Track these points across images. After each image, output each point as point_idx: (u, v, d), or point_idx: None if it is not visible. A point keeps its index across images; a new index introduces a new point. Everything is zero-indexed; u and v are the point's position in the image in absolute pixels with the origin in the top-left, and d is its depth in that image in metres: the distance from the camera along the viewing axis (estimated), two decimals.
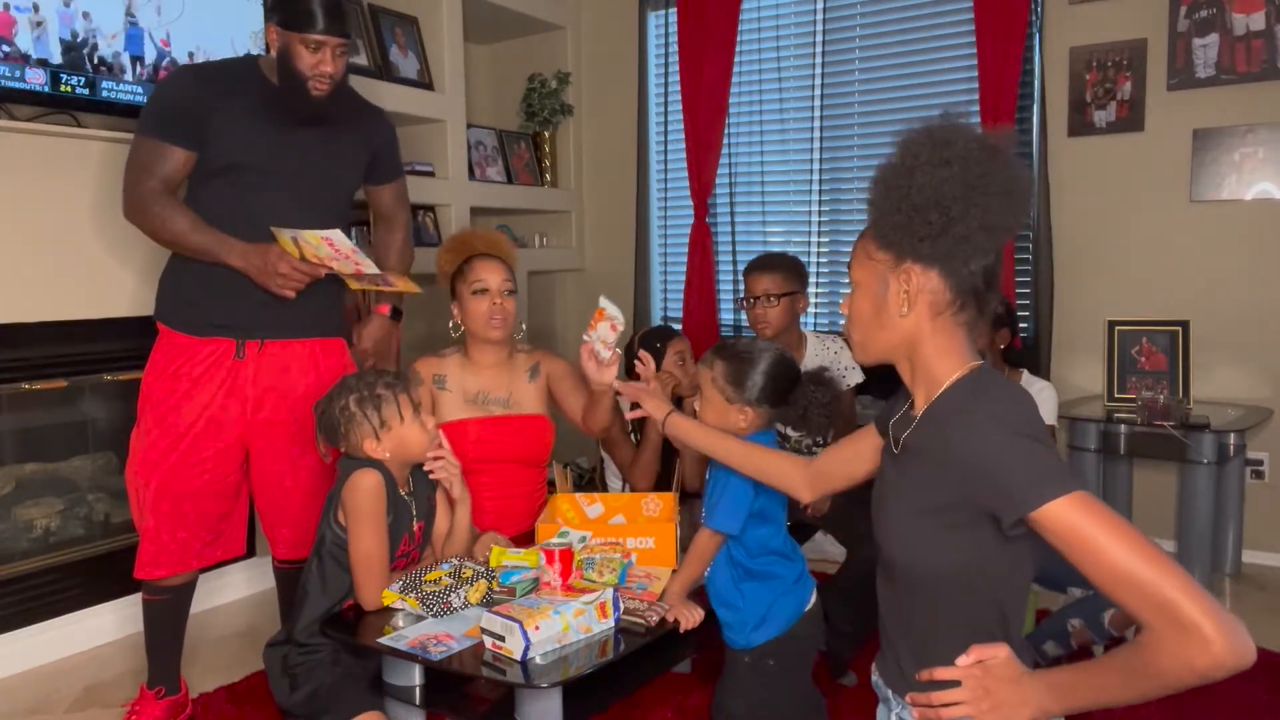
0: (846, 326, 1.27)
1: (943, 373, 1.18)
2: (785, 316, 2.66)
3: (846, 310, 1.26)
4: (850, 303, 1.25)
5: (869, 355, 1.25)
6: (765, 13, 3.91)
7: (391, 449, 1.88)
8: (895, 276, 1.16)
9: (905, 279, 1.16)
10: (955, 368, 1.17)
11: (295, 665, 1.81)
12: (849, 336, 1.27)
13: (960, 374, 1.17)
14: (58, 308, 2.56)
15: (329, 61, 2.05)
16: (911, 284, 1.15)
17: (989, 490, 1.06)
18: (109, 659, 2.66)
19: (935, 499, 1.13)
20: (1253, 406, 3.10)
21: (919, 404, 1.21)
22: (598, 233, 4.47)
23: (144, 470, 2.12)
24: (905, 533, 1.17)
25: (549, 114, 4.28)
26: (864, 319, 1.22)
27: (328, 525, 1.87)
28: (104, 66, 2.53)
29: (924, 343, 1.18)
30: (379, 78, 3.42)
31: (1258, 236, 3.13)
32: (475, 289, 2.28)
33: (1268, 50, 3.04)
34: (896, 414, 1.26)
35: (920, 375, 1.20)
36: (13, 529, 2.63)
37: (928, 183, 1.12)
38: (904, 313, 1.16)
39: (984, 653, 1.07)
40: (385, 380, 1.90)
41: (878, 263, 1.18)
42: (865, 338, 1.23)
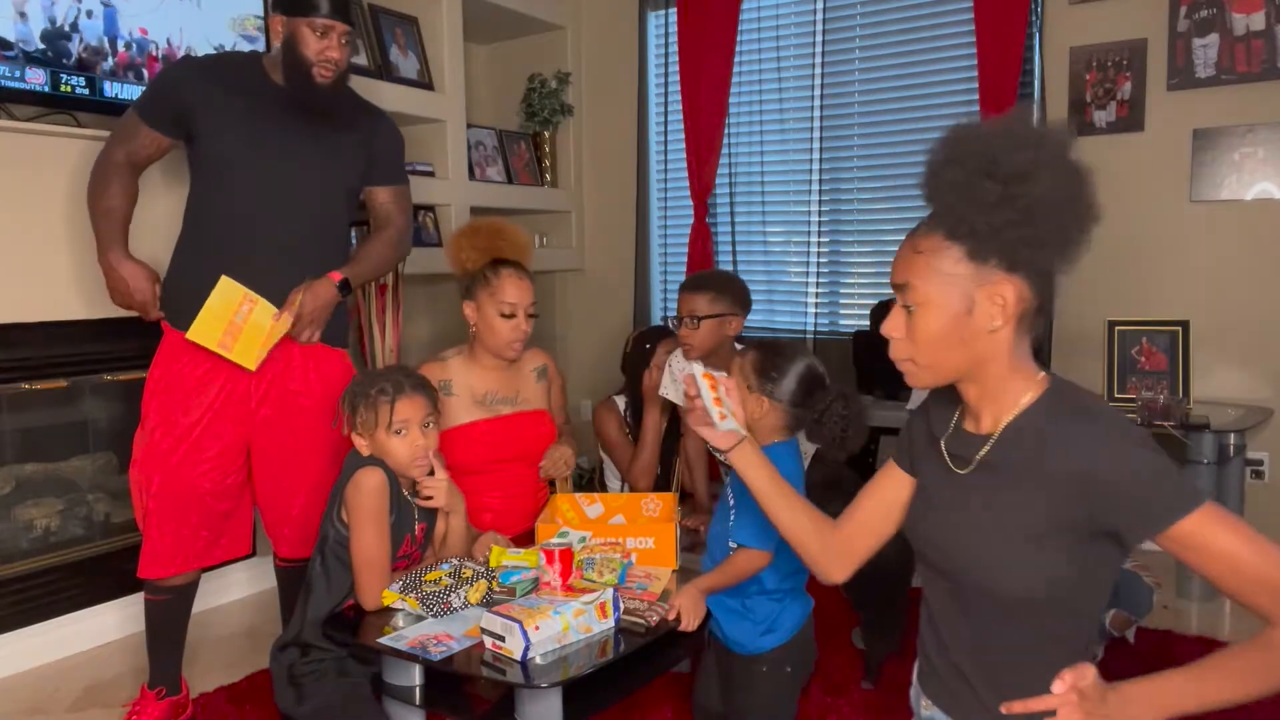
0: (900, 350, 1.15)
1: (1019, 386, 1.12)
2: (711, 339, 2.48)
3: (898, 333, 1.14)
4: (911, 325, 1.12)
5: (939, 378, 1.15)
6: (765, 13, 3.91)
7: (373, 451, 1.88)
8: (985, 289, 1.08)
9: (999, 291, 1.08)
10: (1030, 379, 1.13)
11: (302, 675, 1.81)
12: (903, 360, 1.16)
13: (1043, 386, 1.12)
14: (58, 308, 2.56)
15: (335, 47, 2.08)
16: (1009, 296, 1.08)
17: (1121, 507, 1.03)
18: (109, 659, 2.66)
19: (1040, 520, 1.07)
20: (1253, 406, 3.10)
21: (985, 420, 1.15)
22: (598, 233, 4.47)
23: (147, 469, 2.12)
24: (996, 557, 1.10)
25: (549, 114, 4.28)
26: (934, 339, 1.11)
27: (331, 523, 1.87)
28: (86, 52, 2.50)
29: (1000, 357, 1.11)
30: (379, 78, 3.42)
31: (1258, 236, 3.13)
32: (504, 311, 2.25)
33: (1268, 50, 3.04)
34: (943, 433, 1.21)
35: (992, 391, 1.14)
36: (13, 529, 2.63)
37: (1048, 189, 1.03)
38: (996, 327, 1.09)
39: (1076, 677, 0.99)
40: (389, 385, 1.89)
41: (958, 276, 1.08)
42: (936, 359, 1.13)
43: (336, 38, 2.08)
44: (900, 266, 1.14)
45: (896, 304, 1.15)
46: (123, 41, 2.57)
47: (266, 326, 2.08)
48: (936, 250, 1.09)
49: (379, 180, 2.33)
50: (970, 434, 1.17)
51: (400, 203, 2.38)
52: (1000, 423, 1.13)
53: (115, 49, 2.56)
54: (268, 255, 2.10)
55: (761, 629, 1.71)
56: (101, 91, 2.55)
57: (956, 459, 1.18)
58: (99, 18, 2.52)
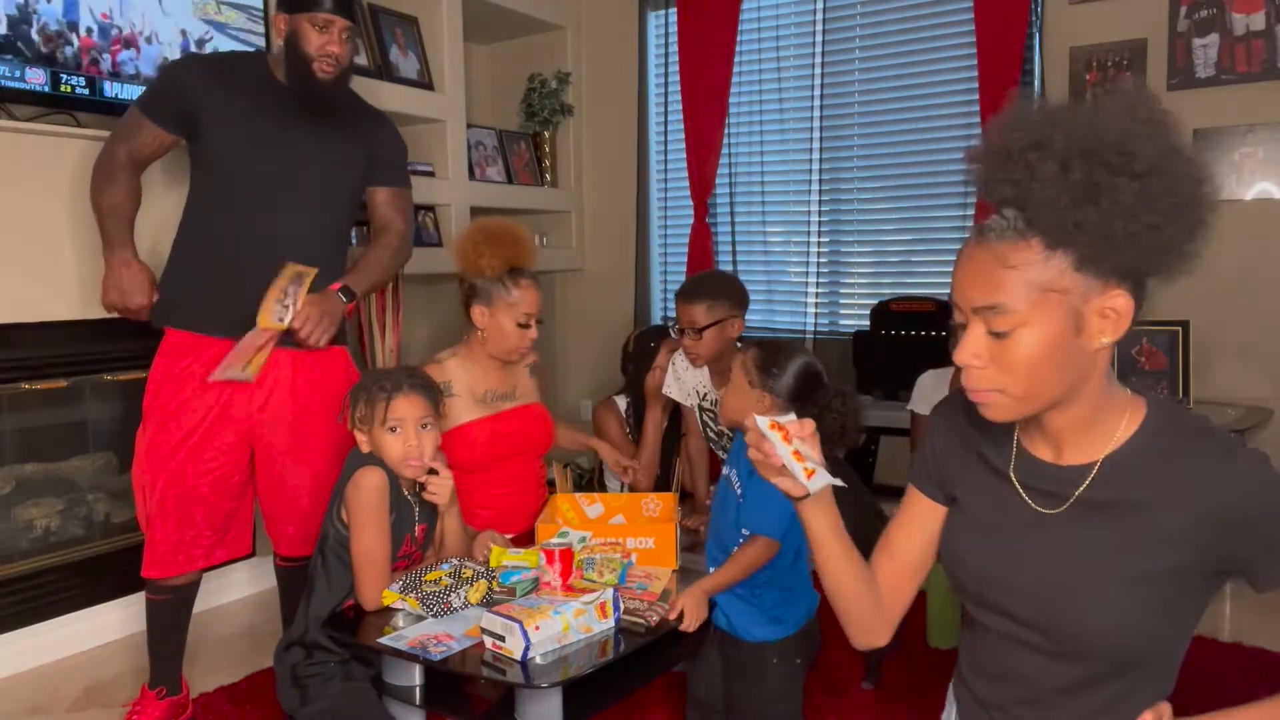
0: (983, 379, 0.98)
1: (1116, 410, 1.01)
2: (714, 345, 2.49)
3: (980, 361, 0.97)
4: (1003, 351, 0.96)
5: (1033, 408, 0.99)
6: (765, 13, 3.91)
7: (370, 448, 1.89)
8: (1095, 302, 0.95)
9: (1112, 304, 0.95)
10: (1125, 402, 1.02)
11: (306, 676, 1.81)
12: (988, 391, 0.99)
13: (1141, 410, 1.02)
14: (58, 308, 2.56)
15: (336, 42, 2.09)
16: (1122, 308, 0.95)
17: (1263, 547, 0.95)
18: (109, 659, 2.66)
19: (1166, 562, 0.97)
20: (1253, 406, 3.10)
21: (1072, 450, 1.03)
22: (598, 233, 4.47)
23: (149, 469, 2.12)
24: (1106, 603, 0.98)
25: (549, 114, 4.28)
26: (1036, 366, 0.95)
27: (331, 522, 1.88)
28: (53, 39, 2.46)
29: (1097, 379, 0.99)
30: (379, 78, 3.42)
31: (1258, 236, 3.13)
32: (521, 321, 2.24)
33: (1268, 50, 3.04)
34: (1005, 463, 1.09)
35: (1087, 417, 1.01)
36: (13, 529, 2.63)
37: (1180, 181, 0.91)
38: (1103, 345, 0.96)
39: (1156, 717, 0.93)
40: (389, 382, 1.89)
41: (1063, 291, 0.93)
42: (1036, 389, 0.97)
43: (337, 32, 2.09)
44: (982, 284, 0.95)
45: (971, 326, 0.98)
46: (85, 27, 2.53)
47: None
48: (1034, 263, 0.93)
49: (379, 181, 2.33)
50: (1050, 465, 1.05)
51: (400, 205, 2.38)
52: (1098, 453, 1.02)
53: (77, 33, 2.51)
54: (268, 256, 2.09)
55: (770, 617, 1.72)
56: (101, 91, 2.55)
57: (1039, 495, 1.05)
58: (58, 2, 2.46)
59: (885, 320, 3.48)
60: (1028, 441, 1.08)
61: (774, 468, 1.06)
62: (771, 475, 1.07)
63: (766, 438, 1.07)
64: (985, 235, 0.96)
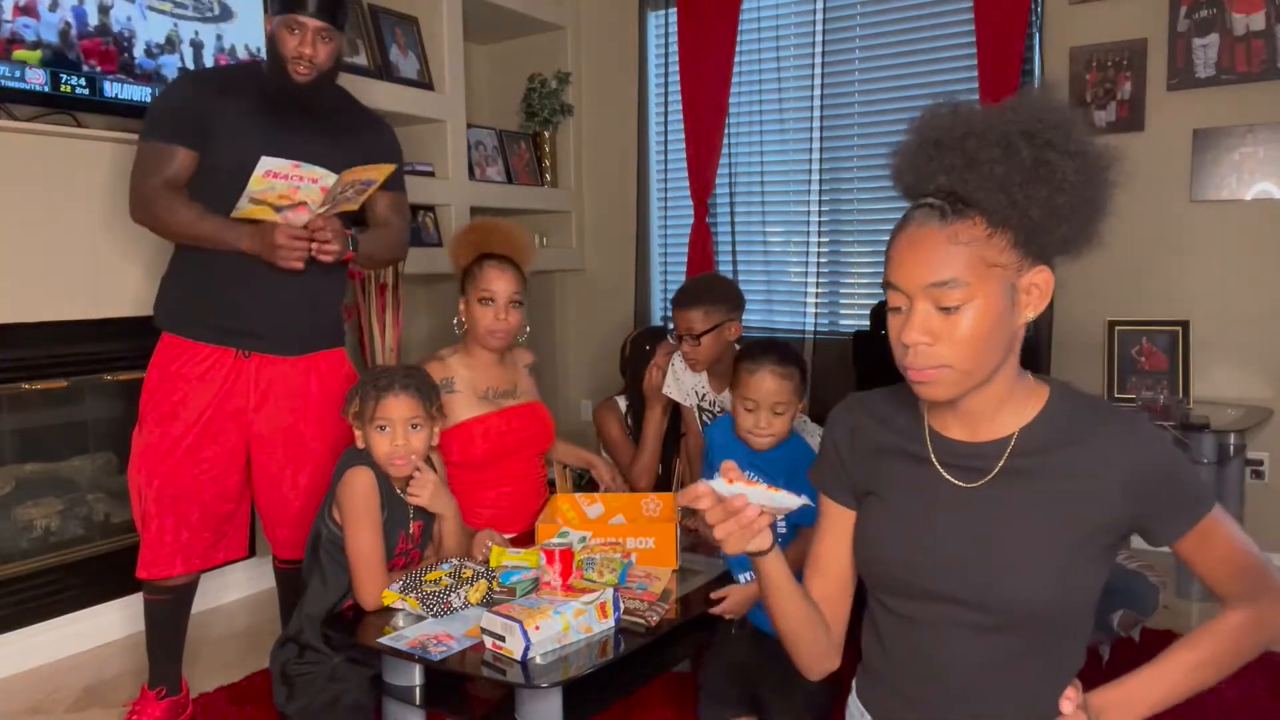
0: (930, 356, 1.02)
1: (1025, 386, 1.07)
2: (713, 350, 2.55)
3: (928, 337, 1.01)
4: (952, 326, 1.00)
5: (970, 384, 1.03)
6: (765, 13, 3.90)
7: (364, 443, 1.90)
8: (1024, 278, 1.02)
9: (1036, 280, 1.02)
10: (1028, 379, 1.09)
11: (294, 674, 1.82)
12: (935, 368, 1.02)
13: (1045, 386, 1.09)
14: (58, 308, 2.55)
15: (309, 44, 2.07)
16: (1044, 285, 1.02)
17: (1163, 503, 1.02)
18: (109, 659, 2.66)
19: (1085, 523, 1.02)
20: (1253, 406, 3.10)
21: (985, 426, 1.08)
22: (598, 233, 4.46)
23: (145, 470, 2.12)
24: (1034, 565, 1.03)
25: (549, 114, 4.28)
26: (982, 340, 1.00)
27: (324, 521, 1.89)
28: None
29: (1013, 355, 1.05)
30: (379, 78, 3.42)
31: (1258, 236, 3.13)
32: (482, 297, 2.27)
33: (1268, 50, 3.04)
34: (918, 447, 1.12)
35: (1002, 393, 1.06)
36: (13, 529, 2.63)
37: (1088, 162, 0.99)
38: (1028, 317, 1.03)
39: (1076, 693, 0.94)
40: (384, 380, 1.91)
41: (1003, 267, 1.00)
42: (979, 363, 1.02)
43: (311, 35, 2.07)
44: (934, 261, 1.00)
45: (917, 305, 1.02)
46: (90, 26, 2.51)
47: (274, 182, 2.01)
48: (979, 239, 0.99)
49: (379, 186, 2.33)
50: (965, 443, 1.09)
51: (399, 210, 2.39)
52: (1012, 426, 1.07)
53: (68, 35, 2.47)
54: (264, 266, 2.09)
55: None
56: (101, 91, 2.54)
57: (960, 472, 1.09)
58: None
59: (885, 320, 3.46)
60: (940, 425, 1.12)
61: (749, 529, 0.99)
62: (743, 542, 1.00)
63: (731, 495, 0.98)
64: (929, 218, 1.01)
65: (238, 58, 2.81)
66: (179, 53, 2.69)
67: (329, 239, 2.06)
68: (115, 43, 2.54)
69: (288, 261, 2.03)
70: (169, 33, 2.66)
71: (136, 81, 2.61)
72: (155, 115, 2.14)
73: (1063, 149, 0.97)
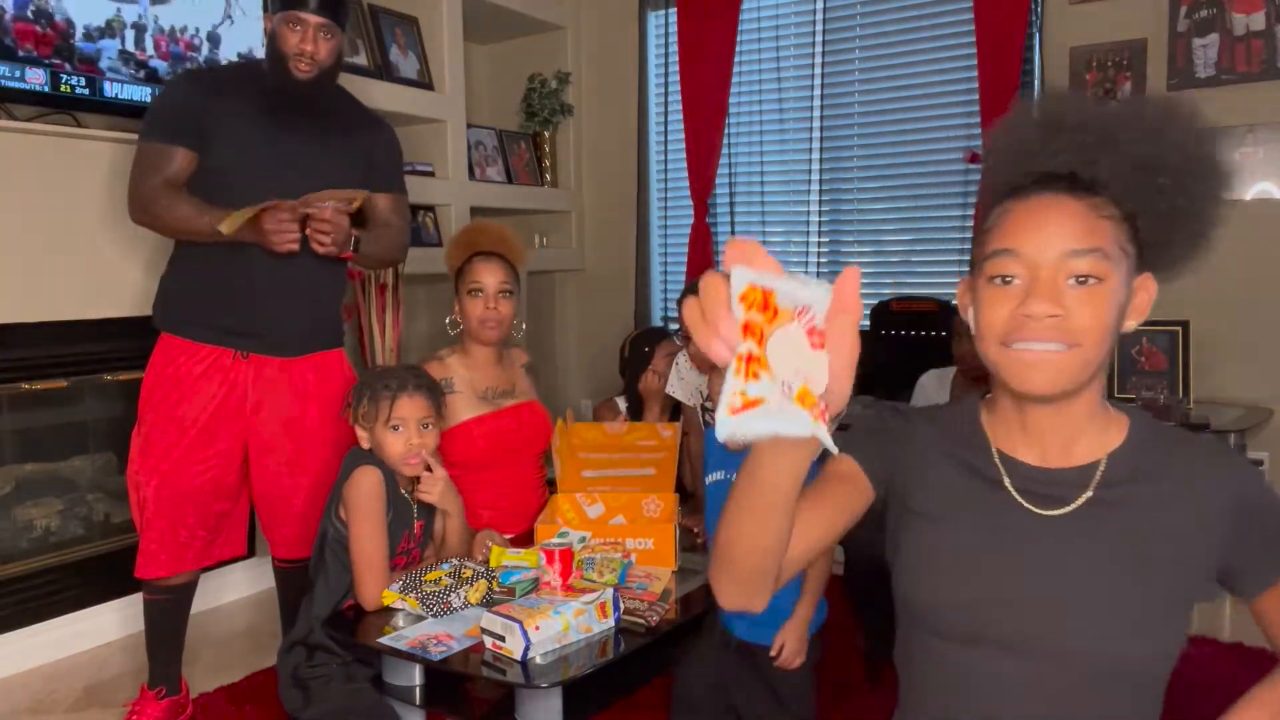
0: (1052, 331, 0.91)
1: (1105, 414, 0.99)
2: None
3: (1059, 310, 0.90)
4: (1087, 300, 0.91)
5: (1084, 377, 0.94)
6: (765, 13, 3.90)
7: (371, 444, 1.90)
8: (1137, 279, 0.96)
9: (1146, 284, 0.97)
10: (1112, 410, 1.01)
11: (308, 678, 1.82)
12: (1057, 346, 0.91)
13: (1125, 410, 1.01)
14: (58, 308, 2.56)
15: (310, 41, 2.07)
16: (1151, 288, 0.97)
17: (1267, 545, 0.93)
18: (109, 659, 2.66)
19: (1177, 563, 0.93)
20: (1253, 406, 3.10)
21: (1063, 450, 0.98)
22: (598, 233, 4.46)
23: (144, 470, 2.12)
24: (1121, 613, 0.92)
25: (549, 114, 4.28)
26: (1110, 326, 0.92)
27: (330, 521, 1.89)
28: None
29: (1103, 371, 0.97)
30: (379, 78, 3.42)
31: (1258, 236, 3.13)
32: (471, 289, 2.28)
33: (1268, 50, 3.04)
34: (988, 468, 1.01)
35: (1089, 410, 0.98)
36: (13, 529, 2.63)
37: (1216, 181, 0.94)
38: (1131, 325, 0.96)
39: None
40: (394, 381, 1.91)
41: (1129, 258, 0.94)
42: (1100, 353, 0.93)
43: (312, 31, 2.07)
44: (1080, 229, 0.91)
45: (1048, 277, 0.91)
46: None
47: None
48: (1117, 219, 0.93)
49: (379, 186, 2.32)
50: (1040, 468, 0.99)
51: (399, 210, 2.39)
52: (1096, 452, 0.98)
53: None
54: (266, 261, 2.09)
55: (788, 615, 1.74)
56: (101, 91, 2.55)
57: (1039, 499, 0.98)
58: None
59: (886, 320, 3.47)
60: (1007, 446, 1.02)
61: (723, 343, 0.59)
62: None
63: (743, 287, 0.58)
64: (1057, 190, 0.94)
65: (179, 40, 2.72)
66: (120, 36, 2.59)
67: (325, 229, 2.05)
68: (52, 26, 2.45)
69: (281, 244, 2.02)
70: (111, 18, 2.57)
71: (137, 81, 2.61)
72: (154, 115, 2.14)
73: (1200, 148, 0.94)
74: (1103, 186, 0.93)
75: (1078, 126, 0.94)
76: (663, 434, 2.28)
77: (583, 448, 2.25)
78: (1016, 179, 0.97)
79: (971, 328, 0.99)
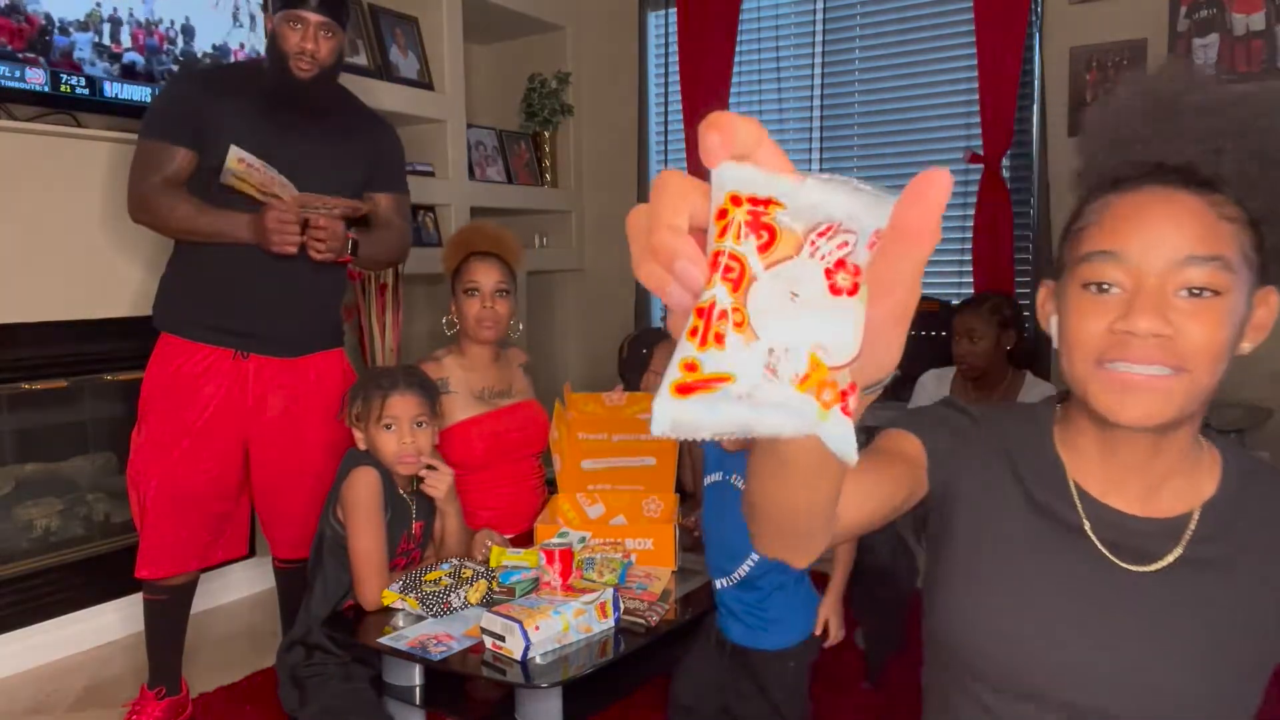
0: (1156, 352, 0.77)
1: (1200, 450, 0.87)
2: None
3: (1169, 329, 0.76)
4: (1204, 317, 0.76)
5: (1191, 408, 0.80)
6: (765, 13, 3.90)
7: (367, 445, 1.90)
8: (1257, 292, 0.81)
9: (1270, 296, 0.82)
10: (1204, 444, 0.89)
11: (305, 677, 1.82)
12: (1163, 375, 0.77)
13: (1220, 452, 0.88)
14: (58, 308, 2.55)
15: (311, 39, 2.07)
16: (1274, 303, 0.82)
17: None
18: (109, 659, 2.66)
19: (1268, 626, 0.82)
20: (1253, 406, 3.10)
21: (1149, 496, 0.86)
22: (598, 233, 4.46)
23: (144, 470, 2.12)
24: (1210, 682, 0.81)
25: (549, 114, 4.28)
26: (1217, 354, 0.77)
27: (328, 521, 1.89)
28: None
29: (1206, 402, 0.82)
30: (379, 78, 3.42)
31: None
32: (467, 288, 2.28)
33: (1268, 50, 3.04)
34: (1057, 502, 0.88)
35: (1184, 449, 0.85)
36: (13, 529, 2.63)
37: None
38: (1247, 348, 0.81)
39: None
40: (386, 380, 1.91)
41: (1251, 269, 0.79)
42: (1208, 381, 0.78)
43: (313, 30, 2.07)
44: (1201, 232, 0.77)
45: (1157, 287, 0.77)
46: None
47: (248, 172, 2.02)
48: (1241, 223, 0.78)
49: (380, 186, 2.32)
50: (1125, 514, 0.86)
51: (401, 210, 2.39)
52: (1190, 500, 0.85)
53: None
54: (266, 261, 2.09)
55: (786, 624, 1.73)
56: (101, 91, 2.54)
57: (1122, 552, 0.85)
58: None
59: None
60: (1085, 481, 0.88)
61: None
62: None
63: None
64: (1171, 185, 0.79)
65: (154, 33, 2.67)
66: (96, 30, 2.55)
67: (322, 237, 2.06)
68: (27, 20, 2.40)
69: (281, 245, 2.03)
70: (90, 11, 2.53)
71: (137, 81, 2.61)
72: (154, 114, 2.14)
73: None
74: (1225, 183, 0.78)
75: (1201, 109, 0.79)
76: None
77: (581, 425, 2.24)
78: (1121, 170, 0.82)
79: (1054, 340, 0.85)
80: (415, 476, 1.96)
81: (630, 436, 2.24)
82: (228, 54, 2.85)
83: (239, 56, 2.86)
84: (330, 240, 2.07)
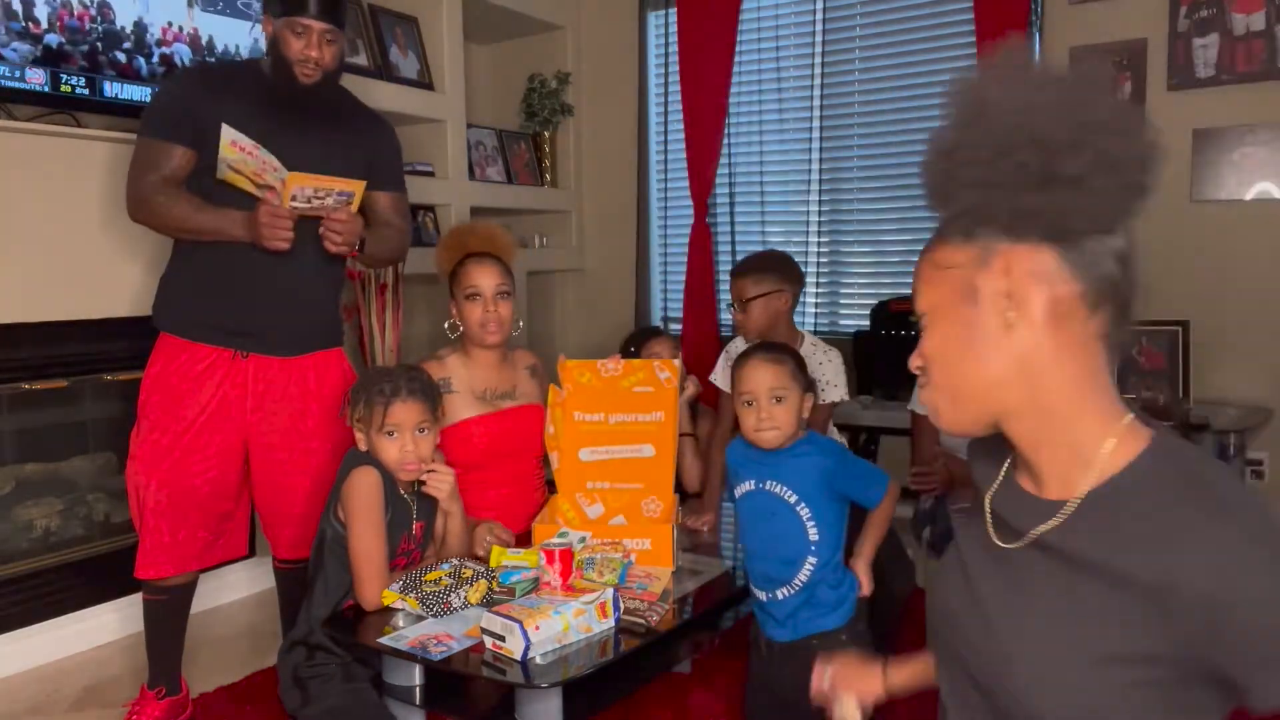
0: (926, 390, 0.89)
1: (1093, 430, 0.81)
2: (762, 318, 2.52)
3: (918, 364, 0.89)
4: (922, 348, 0.88)
5: (964, 415, 0.86)
6: (765, 13, 3.90)
7: (368, 447, 1.90)
8: (987, 273, 0.81)
9: (1004, 267, 0.80)
10: (1111, 423, 0.81)
11: (307, 677, 1.82)
12: (922, 389, 0.90)
13: (1141, 440, 0.81)
14: (58, 308, 2.56)
15: (315, 46, 2.07)
16: (1014, 270, 0.80)
17: (1259, 659, 0.71)
18: (109, 659, 2.66)
19: (1132, 644, 0.75)
20: (1253, 406, 3.10)
21: (1049, 480, 0.85)
22: (598, 233, 4.46)
23: (144, 470, 2.12)
24: (1064, 679, 0.79)
25: (549, 114, 4.28)
26: (948, 360, 0.85)
27: (329, 521, 1.89)
28: None
29: (1047, 372, 0.80)
30: (379, 78, 3.42)
31: (1258, 236, 3.13)
32: (468, 293, 2.27)
33: (1268, 50, 3.04)
34: (989, 483, 0.93)
35: (1050, 433, 0.83)
36: (13, 529, 2.63)
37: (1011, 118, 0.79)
38: (1010, 319, 0.80)
39: None
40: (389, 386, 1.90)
41: (955, 269, 0.83)
42: (957, 387, 0.84)
43: (317, 37, 2.07)
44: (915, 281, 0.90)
45: None
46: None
47: (244, 159, 2.01)
48: (931, 250, 0.89)
49: (380, 186, 2.32)
50: (1027, 494, 0.87)
51: (401, 209, 2.39)
52: (1078, 487, 0.82)
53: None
54: (265, 260, 2.09)
55: (828, 606, 1.74)
56: (101, 91, 2.55)
57: (1001, 525, 0.88)
58: None
59: (885, 320, 3.47)
60: (1015, 465, 0.91)
61: None
62: None
63: None
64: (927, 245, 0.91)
65: (112, 19, 2.56)
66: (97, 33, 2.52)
67: (338, 229, 2.06)
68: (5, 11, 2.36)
69: (272, 240, 2.02)
70: None
71: (137, 81, 2.61)
72: (153, 113, 2.14)
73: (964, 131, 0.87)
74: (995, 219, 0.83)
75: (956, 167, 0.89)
76: (660, 375, 2.26)
77: (577, 403, 2.24)
78: None
79: None
80: (419, 480, 1.96)
81: (628, 417, 2.23)
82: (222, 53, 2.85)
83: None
84: (347, 234, 2.07)
